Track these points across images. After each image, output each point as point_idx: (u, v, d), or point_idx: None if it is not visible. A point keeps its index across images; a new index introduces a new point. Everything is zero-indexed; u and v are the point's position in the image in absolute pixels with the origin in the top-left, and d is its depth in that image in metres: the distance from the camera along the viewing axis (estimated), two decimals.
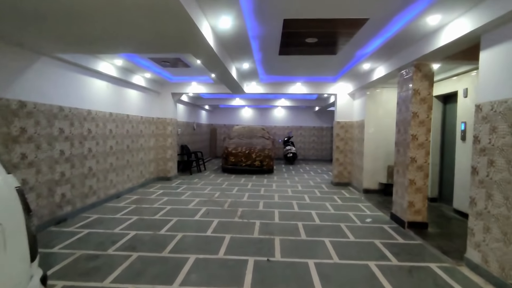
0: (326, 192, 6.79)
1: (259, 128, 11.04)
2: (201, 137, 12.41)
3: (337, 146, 7.57)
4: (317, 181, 8.21)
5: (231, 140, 10.08)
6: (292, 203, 5.64)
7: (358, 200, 6.07)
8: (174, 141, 8.05)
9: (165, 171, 7.79)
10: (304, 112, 14.00)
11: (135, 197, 5.89)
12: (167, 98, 7.75)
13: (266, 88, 7.74)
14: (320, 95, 9.30)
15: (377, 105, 6.50)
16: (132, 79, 6.16)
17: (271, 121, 14.23)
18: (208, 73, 6.16)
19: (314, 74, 6.70)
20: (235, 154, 9.23)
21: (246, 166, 9.22)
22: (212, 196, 6.08)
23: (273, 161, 9.54)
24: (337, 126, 7.57)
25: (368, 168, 6.54)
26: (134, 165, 6.49)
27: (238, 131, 10.79)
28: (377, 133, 6.50)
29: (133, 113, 6.42)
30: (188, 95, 9.76)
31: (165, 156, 7.75)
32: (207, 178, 8.42)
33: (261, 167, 9.25)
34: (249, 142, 9.83)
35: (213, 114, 14.43)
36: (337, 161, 7.58)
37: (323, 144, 14.00)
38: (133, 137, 6.43)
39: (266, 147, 9.47)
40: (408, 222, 4.19)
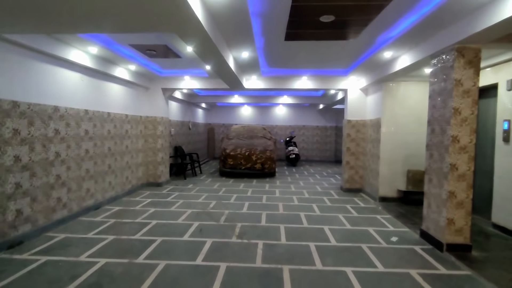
0: (336, 200, 5.97)
1: (260, 127, 10.22)
2: (197, 137, 11.59)
3: (347, 147, 6.75)
4: (325, 186, 7.40)
5: (230, 141, 9.25)
6: (300, 216, 4.82)
7: (375, 210, 5.26)
8: (166, 142, 7.23)
9: (156, 176, 6.96)
10: (307, 110, 13.18)
11: (117, 209, 5.07)
12: (157, 94, 6.92)
13: (268, 83, 6.91)
14: (327, 91, 8.48)
15: (395, 101, 5.68)
16: (114, 71, 5.33)
17: (272, 120, 13.41)
18: (202, 64, 5.34)
19: (323, 66, 5.87)
20: (234, 156, 8.41)
21: (246, 169, 8.41)
22: (206, 207, 5.26)
23: (275, 163, 8.72)
24: (348, 125, 6.75)
25: (384, 173, 5.73)
26: (117, 171, 5.66)
27: (237, 131, 9.96)
28: (395, 133, 5.69)
29: (116, 111, 5.59)
30: (182, 91, 8.93)
31: (155, 159, 6.92)
32: (202, 183, 7.60)
33: (262, 170, 8.43)
34: (249, 143, 9.01)
35: (210, 113, 13.60)
36: (348, 165, 6.76)
37: (327, 145, 13.19)
38: (116, 138, 5.61)
39: (267, 148, 8.65)
40: (447, 244, 3.37)
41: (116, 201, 5.55)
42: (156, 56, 5.12)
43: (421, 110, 5.64)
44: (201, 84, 6.96)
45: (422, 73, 5.34)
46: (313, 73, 6.36)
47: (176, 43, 4.09)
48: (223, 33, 3.84)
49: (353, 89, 6.70)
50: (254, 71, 6.16)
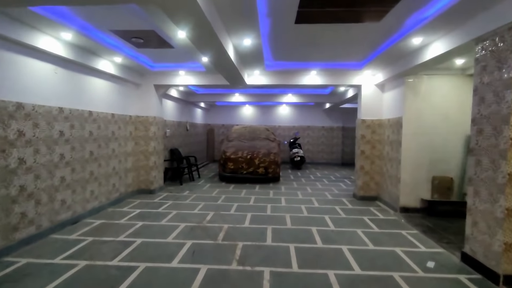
0: (351, 211, 5.26)
1: (263, 128, 9.51)
2: (196, 139, 10.89)
3: (361, 150, 6.03)
4: (335, 193, 6.68)
5: (230, 143, 8.55)
6: (312, 231, 4.11)
7: (398, 224, 4.54)
8: (159, 144, 6.53)
9: (148, 182, 6.26)
10: (312, 110, 12.47)
11: (98, 222, 4.37)
12: (149, 92, 6.23)
13: (272, 79, 6.21)
14: (336, 88, 7.77)
15: (419, 97, 4.97)
16: (97, 63, 4.64)
17: (275, 120, 12.71)
18: (199, 56, 4.65)
19: (336, 59, 5.17)
20: (235, 159, 7.71)
21: (248, 174, 7.70)
22: (202, 220, 4.56)
23: (280, 167, 8.01)
24: (362, 125, 6.04)
25: (406, 180, 5.02)
26: (102, 178, 4.97)
27: (238, 131, 9.26)
28: (418, 134, 4.98)
29: (99, 109, 4.91)
30: (178, 89, 8.24)
31: (147, 163, 6.23)
32: (200, 189, 6.90)
33: (266, 175, 7.72)
34: (251, 145, 8.31)
35: (210, 113, 12.92)
36: (362, 170, 6.04)
37: (333, 146, 12.47)
38: (100, 140, 4.92)
39: (271, 151, 7.95)
40: (506, 276, 2.66)
41: (100, 212, 4.86)
42: (145, 45, 4.43)
43: (449, 107, 4.93)
44: (198, 80, 6.26)
45: (451, 65, 4.63)
46: (323, 67, 5.65)
47: (165, 28, 3.39)
48: (221, 12, 3.15)
49: (367, 85, 5.99)
50: (257, 65, 5.46)
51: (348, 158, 12.39)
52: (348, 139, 12.43)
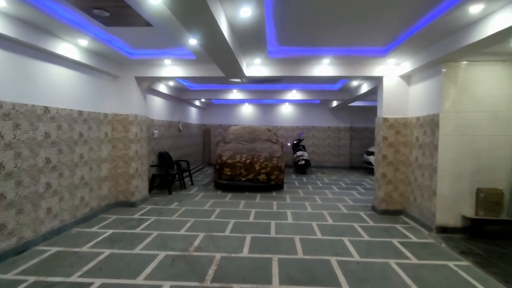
0: (374, 230, 4.26)
1: (264, 129, 8.52)
2: (189, 141, 9.90)
3: (383, 155, 5.04)
4: (349, 205, 5.69)
5: (227, 145, 7.55)
6: (331, 264, 3.12)
7: (440, 250, 3.55)
8: (143, 148, 5.54)
9: (127, 193, 5.27)
10: (318, 108, 11.48)
11: (53, 251, 3.37)
12: (129, 85, 5.24)
13: (276, 69, 5.21)
14: (350, 81, 6.76)
15: (461, 90, 3.99)
16: (55, 47, 3.66)
17: (276, 120, 11.72)
18: (186, 38, 3.67)
19: (354, 43, 4.19)
20: (232, 164, 6.71)
21: (247, 181, 6.70)
22: (189, 246, 3.56)
23: (284, 173, 7.01)
24: (384, 125, 5.05)
25: (444, 193, 4.03)
26: (64, 191, 3.98)
27: (237, 132, 8.27)
28: (460, 135, 3.99)
29: (60, 105, 3.91)
30: (168, 84, 7.25)
31: (127, 171, 5.23)
32: (191, 200, 5.90)
33: (268, 183, 6.72)
34: (251, 147, 7.31)
35: (206, 112, 11.92)
36: (384, 178, 5.05)
37: (340, 148, 11.47)
38: (62, 144, 3.92)
39: (274, 155, 6.95)
40: None
41: (61, 235, 3.86)
42: (114, 21, 3.44)
43: (498, 103, 3.95)
44: (188, 71, 5.27)
45: (506, 48, 3.64)
46: (337, 54, 4.65)
47: None
48: None
49: (390, 77, 5.00)
50: (258, 50, 4.47)
51: (357, 162, 11.40)
52: (356, 141, 11.44)
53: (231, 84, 7.71)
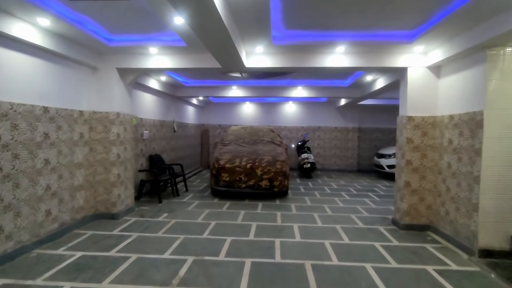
0: (401, 252, 3.50)
1: (267, 129, 7.77)
2: (185, 142, 9.16)
3: (407, 160, 4.27)
4: (365, 217, 4.94)
5: (225, 147, 6.81)
6: None
7: (490, 284, 2.79)
8: (127, 151, 4.82)
9: (108, 204, 4.54)
10: (324, 107, 10.72)
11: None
12: (110, 78, 4.51)
13: (281, 59, 4.46)
14: (365, 75, 5.98)
15: (510, 81, 3.23)
16: (7, 26, 2.93)
17: (279, 119, 10.97)
18: (171, 15, 2.94)
19: (375, 26, 3.44)
20: (231, 169, 5.96)
21: (248, 187, 5.95)
22: (172, 277, 2.82)
23: (289, 179, 6.25)
24: (408, 125, 4.28)
25: (488, 208, 3.27)
26: (23, 205, 3.25)
27: (236, 133, 7.52)
28: (509, 137, 3.24)
29: (15, 99, 3.18)
30: (160, 79, 6.52)
31: (107, 177, 4.50)
32: (183, 210, 5.17)
33: (271, 190, 5.97)
34: (252, 150, 6.56)
35: (204, 111, 11.19)
36: (408, 187, 4.28)
37: (348, 151, 10.70)
38: (19, 148, 3.19)
39: (277, 158, 6.20)
40: None
41: (16, 259, 3.13)
42: None
43: None
44: (178, 62, 4.53)
45: None
46: (354, 39, 3.90)
47: None
48: None
49: (416, 68, 4.25)
50: (260, 36, 3.74)
51: (365, 165, 10.64)
52: (365, 142, 10.67)
53: (230, 79, 6.98)
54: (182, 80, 7.11)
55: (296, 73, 6.15)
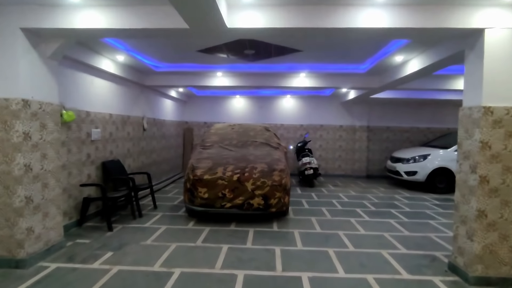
0: None
1: (260, 127, 6.14)
2: (162, 143, 7.51)
3: (482, 176, 2.71)
4: (401, 253, 3.40)
5: (206, 151, 5.15)
6: None
7: None
8: (51, 159, 3.16)
9: (11, 243, 2.89)
10: (327, 102, 9.16)
11: None
12: (10, 44, 2.85)
13: (281, 15, 2.83)
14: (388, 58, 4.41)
15: None
16: None
17: (275, 117, 9.38)
18: None
19: None
20: (211, 182, 4.33)
21: (235, 207, 4.33)
22: None
23: (289, 194, 4.64)
24: (484, 120, 2.71)
25: None
26: None
27: (221, 133, 5.88)
28: None
29: None
30: (117, 60, 4.83)
31: (8, 201, 2.85)
32: (138, 246, 3.54)
33: (266, 209, 4.36)
34: (241, 155, 4.91)
35: (187, 107, 9.52)
36: (482, 219, 2.73)
37: (355, 153, 9.17)
38: None
39: (275, 167, 4.57)
40: None
41: None
42: None
43: None
44: (118, 19, 2.87)
45: None
46: None
47: None
48: None
49: (501, 31, 2.69)
50: None
51: (375, 169, 9.13)
52: (375, 144, 9.15)
53: (213, 63, 5.36)
54: (150, 63, 5.46)
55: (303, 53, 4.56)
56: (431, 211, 5.34)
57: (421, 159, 7.09)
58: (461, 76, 5.62)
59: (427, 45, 3.80)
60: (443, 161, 6.91)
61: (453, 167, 6.83)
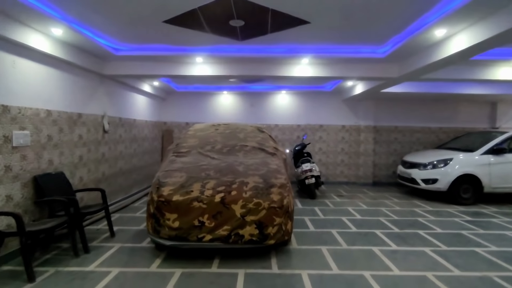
0: None
1: (252, 128, 4.86)
2: (132, 148, 6.18)
3: None
4: None
5: (179, 160, 3.85)
6: None
7: None
8: None
9: None
10: (327, 99, 8.02)
11: None
12: None
13: None
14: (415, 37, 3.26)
15: None
16: None
17: (268, 116, 8.17)
18: None
19: None
20: (183, 205, 3.05)
21: (218, 240, 3.06)
22: None
23: (293, 218, 3.39)
24: None
25: None
26: None
27: (201, 135, 4.55)
28: None
29: None
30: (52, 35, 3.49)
31: None
32: None
33: (261, 242, 3.11)
34: (225, 166, 3.61)
35: (166, 105, 8.21)
36: None
37: (359, 157, 8.03)
38: None
39: (273, 181, 3.32)
40: None
41: None
42: None
43: None
44: None
45: None
46: None
47: None
48: None
49: None
50: None
51: (383, 175, 8.02)
52: (382, 146, 8.05)
53: (190, 44, 4.11)
54: (106, 44, 4.15)
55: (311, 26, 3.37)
56: (469, 233, 4.21)
57: (442, 165, 5.99)
58: (500, 62, 4.54)
59: (488, 9, 2.65)
60: (469, 167, 5.82)
61: (481, 174, 5.77)
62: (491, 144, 5.90)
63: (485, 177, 5.76)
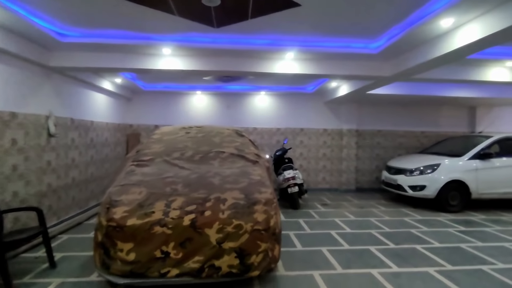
0: None
1: (229, 131, 4.23)
2: (86, 155, 5.30)
3: None
4: None
5: (139, 170, 3.12)
6: None
7: None
8: None
9: None
10: (308, 102, 7.57)
11: None
12: None
13: None
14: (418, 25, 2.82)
15: None
16: None
17: (245, 119, 7.57)
18: None
19: None
20: (140, 231, 2.35)
21: (187, 275, 2.39)
22: None
23: (280, 242, 2.79)
24: None
25: None
26: None
27: (168, 139, 3.82)
28: None
29: None
30: None
31: None
32: None
33: (242, 274, 2.47)
34: (197, 177, 2.95)
35: (132, 105, 7.35)
36: None
37: (342, 162, 7.64)
38: None
39: (257, 196, 2.70)
40: None
41: None
42: None
43: None
44: None
45: None
46: None
47: None
48: None
49: None
50: None
51: (365, 181, 7.68)
52: (365, 151, 7.72)
53: (154, 31, 3.42)
54: (48, 27, 3.35)
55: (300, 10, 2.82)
56: (468, 246, 3.85)
57: (429, 170, 5.70)
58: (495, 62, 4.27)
59: None
60: (456, 173, 5.57)
61: (468, 179, 5.54)
62: (477, 148, 5.70)
63: (472, 183, 5.53)
